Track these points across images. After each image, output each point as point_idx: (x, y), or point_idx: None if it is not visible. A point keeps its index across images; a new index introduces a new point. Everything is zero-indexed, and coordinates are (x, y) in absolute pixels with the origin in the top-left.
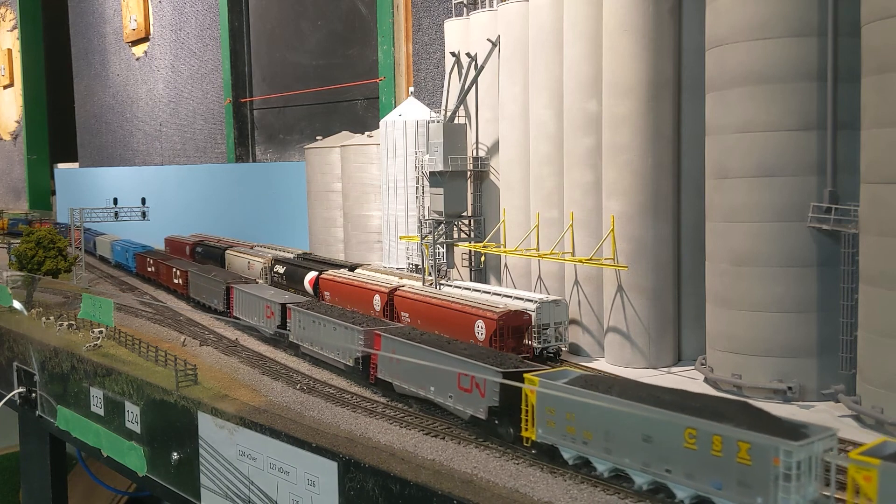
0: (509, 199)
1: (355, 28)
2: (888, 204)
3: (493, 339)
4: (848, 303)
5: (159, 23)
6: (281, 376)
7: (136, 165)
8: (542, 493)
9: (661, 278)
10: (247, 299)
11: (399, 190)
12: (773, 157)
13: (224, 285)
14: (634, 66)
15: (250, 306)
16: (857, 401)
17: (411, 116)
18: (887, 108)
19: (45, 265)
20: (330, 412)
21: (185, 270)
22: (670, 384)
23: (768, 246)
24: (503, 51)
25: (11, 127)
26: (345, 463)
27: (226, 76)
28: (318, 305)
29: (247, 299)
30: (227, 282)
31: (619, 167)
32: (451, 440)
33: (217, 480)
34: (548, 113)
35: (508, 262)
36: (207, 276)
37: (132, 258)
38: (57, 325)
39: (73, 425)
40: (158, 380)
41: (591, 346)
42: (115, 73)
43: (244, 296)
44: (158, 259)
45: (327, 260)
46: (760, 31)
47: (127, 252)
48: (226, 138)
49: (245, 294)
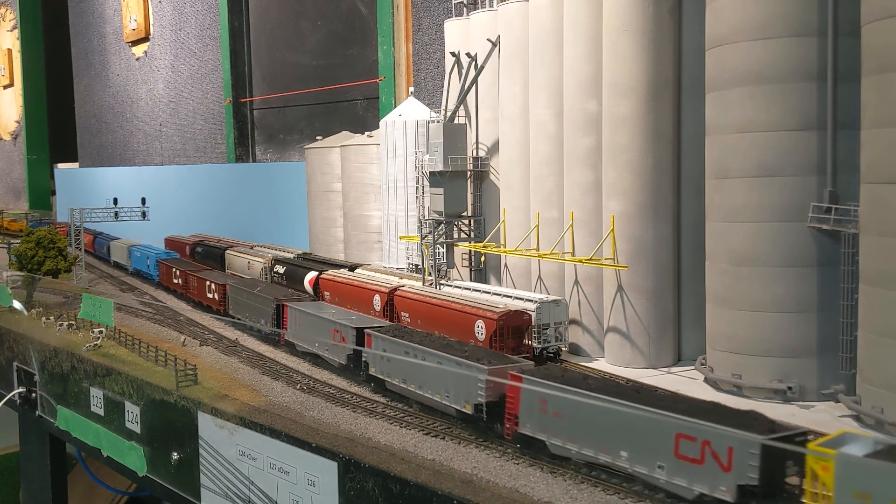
0: (509, 199)
1: (355, 28)
2: (888, 204)
3: (493, 339)
4: (848, 303)
5: (159, 23)
6: (281, 376)
7: (136, 165)
8: (542, 493)
9: (661, 278)
10: (306, 320)
11: (399, 190)
12: (773, 157)
13: (274, 303)
14: (634, 66)
15: (310, 329)
16: (857, 401)
17: (411, 116)
18: (887, 108)
19: (45, 265)
20: (330, 412)
21: (223, 284)
22: (670, 384)
23: (768, 246)
24: (503, 51)
25: (11, 127)
26: (345, 463)
27: (226, 76)
28: (408, 332)
29: (306, 320)
30: (277, 299)
31: (619, 167)
32: (451, 440)
33: (217, 480)
34: (548, 113)
35: (508, 262)
36: (252, 291)
37: (154, 266)
38: (57, 325)
39: (73, 425)
40: (158, 380)
41: (591, 346)
42: (115, 73)
43: (302, 316)
44: (188, 270)
45: (327, 260)
46: (760, 31)
47: (148, 259)
48: (226, 138)
49: (303, 314)
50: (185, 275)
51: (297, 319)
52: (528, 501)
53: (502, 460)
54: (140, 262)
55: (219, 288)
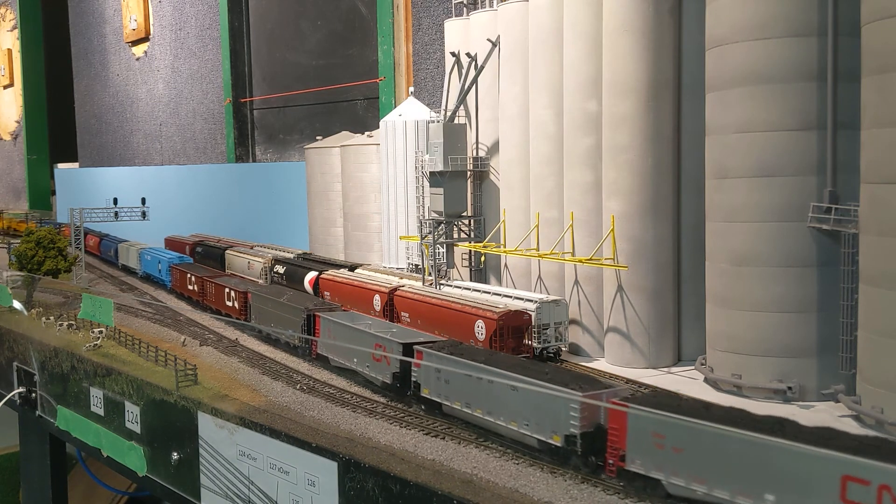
0: (509, 199)
1: (355, 28)
2: (888, 204)
3: (493, 339)
4: (848, 303)
5: (159, 23)
6: (281, 376)
7: (136, 165)
8: (542, 493)
9: (661, 278)
10: (342, 333)
11: (399, 190)
12: (773, 157)
13: (305, 313)
14: (634, 66)
15: (347, 342)
16: (857, 401)
17: (411, 116)
18: (887, 108)
19: (45, 265)
20: (330, 412)
21: (244, 291)
22: (670, 385)
23: (768, 246)
24: (503, 51)
25: (11, 127)
26: (345, 463)
27: (226, 76)
28: (469, 350)
29: (342, 333)
30: (308, 308)
31: (619, 167)
32: (451, 440)
33: (217, 480)
34: (548, 113)
35: (508, 262)
36: (277, 299)
37: (166, 271)
38: (57, 325)
39: (73, 425)
40: (158, 380)
41: (591, 346)
42: (115, 73)
43: (337, 328)
44: (205, 276)
45: (327, 260)
46: (760, 31)
47: (160, 263)
48: (226, 138)
49: (339, 326)
50: (201, 281)
51: (331, 331)
52: (527, 501)
53: (502, 460)
54: (151, 266)
55: (239, 295)
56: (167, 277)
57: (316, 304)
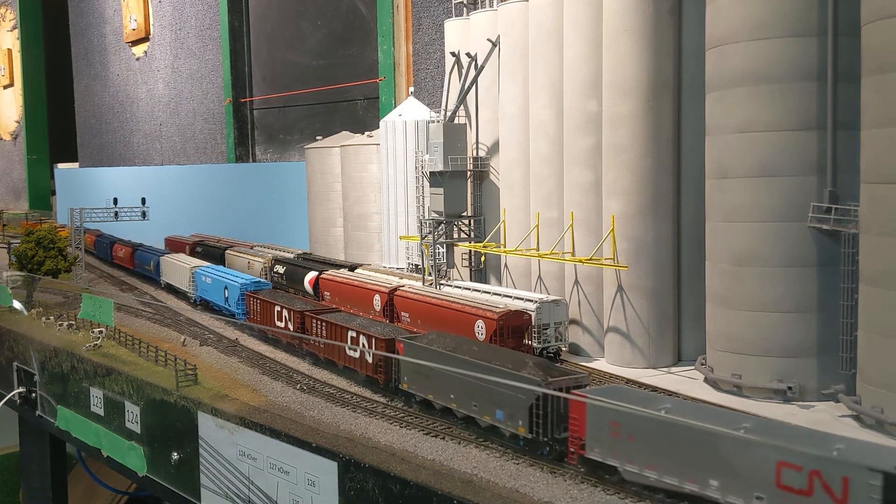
0: (509, 199)
1: (355, 28)
2: (888, 204)
3: (493, 339)
4: (848, 303)
5: (159, 23)
6: (281, 376)
7: (136, 165)
8: (542, 493)
9: (661, 278)
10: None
11: (399, 190)
12: (773, 157)
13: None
14: (634, 67)
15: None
16: (857, 401)
17: (411, 116)
18: (887, 108)
19: (45, 265)
20: (330, 412)
21: (388, 338)
22: (670, 384)
23: (768, 246)
24: (503, 51)
25: (11, 127)
26: (345, 463)
27: (226, 76)
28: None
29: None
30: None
31: (618, 167)
32: (451, 440)
33: (217, 480)
34: (548, 113)
35: (508, 262)
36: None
37: (239, 300)
38: (57, 325)
39: (73, 425)
40: (158, 380)
41: (591, 346)
42: (115, 73)
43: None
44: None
45: (327, 260)
46: (760, 31)
47: (226, 289)
48: (226, 138)
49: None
50: (301, 318)
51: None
52: (527, 501)
53: (502, 460)
54: (213, 291)
55: (378, 343)
56: (240, 309)
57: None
